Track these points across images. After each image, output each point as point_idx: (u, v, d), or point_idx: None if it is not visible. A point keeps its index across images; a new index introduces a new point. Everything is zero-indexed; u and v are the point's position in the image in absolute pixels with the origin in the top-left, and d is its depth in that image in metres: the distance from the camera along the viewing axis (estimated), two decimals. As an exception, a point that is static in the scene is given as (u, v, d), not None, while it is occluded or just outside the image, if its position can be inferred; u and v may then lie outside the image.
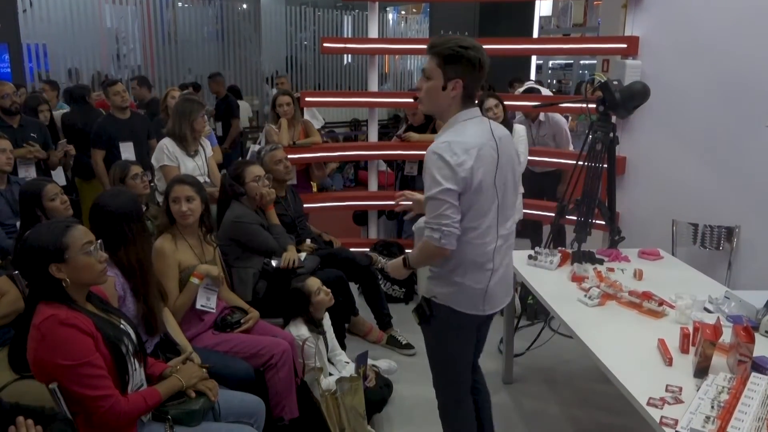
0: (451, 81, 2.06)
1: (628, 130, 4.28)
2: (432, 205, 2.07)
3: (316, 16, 11.52)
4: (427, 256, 2.18)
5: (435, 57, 2.07)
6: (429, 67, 2.08)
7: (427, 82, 2.10)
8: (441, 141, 2.08)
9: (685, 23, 3.87)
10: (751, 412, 1.80)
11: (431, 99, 2.12)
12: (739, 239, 3.52)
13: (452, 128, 2.12)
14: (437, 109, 2.16)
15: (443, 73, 2.06)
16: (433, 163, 2.06)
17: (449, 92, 2.08)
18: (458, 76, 2.05)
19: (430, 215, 2.08)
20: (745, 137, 3.43)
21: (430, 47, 2.08)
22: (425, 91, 2.11)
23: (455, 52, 2.03)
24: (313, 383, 2.88)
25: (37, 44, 8.71)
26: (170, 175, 3.80)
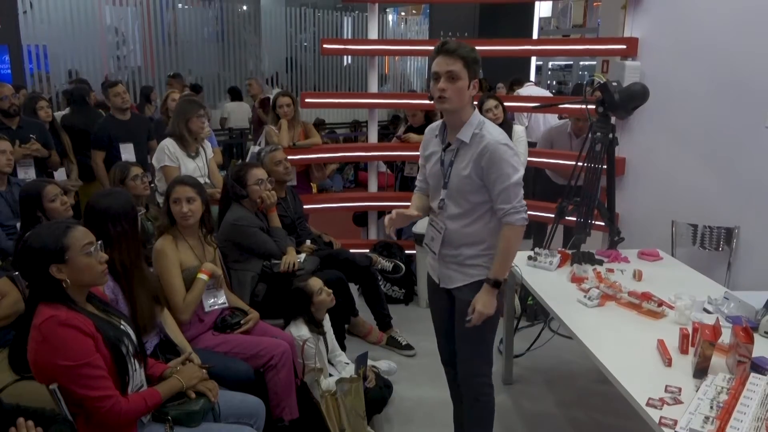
0: (473, 81, 2.28)
1: (627, 130, 4.28)
2: (515, 190, 2.29)
3: (316, 17, 11.53)
4: (518, 240, 2.35)
5: (460, 59, 2.24)
6: (457, 68, 2.24)
7: (455, 82, 2.25)
8: (495, 134, 2.30)
9: (684, 24, 3.88)
10: (750, 412, 1.80)
11: (460, 97, 2.27)
12: (739, 240, 3.53)
13: (487, 124, 2.34)
14: (460, 107, 2.30)
15: (468, 73, 2.25)
16: (505, 153, 2.26)
17: (471, 91, 2.29)
18: (476, 76, 2.29)
19: (514, 200, 2.28)
20: (745, 138, 3.44)
21: (453, 50, 2.24)
22: (456, 90, 2.25)
23: (476, 55, 2.27)
24: (313, 384, 2.89)
25: (37, 45, 8.72)
26: (171, 175, 3.81)
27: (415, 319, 4.39)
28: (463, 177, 2.33)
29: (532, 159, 4.64)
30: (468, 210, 2.38)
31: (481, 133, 2.30)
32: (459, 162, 2.35)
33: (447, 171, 2.40)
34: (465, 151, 2.34)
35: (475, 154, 2.29)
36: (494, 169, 2.27)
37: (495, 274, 2.34)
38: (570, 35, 10.54)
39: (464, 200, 2.37)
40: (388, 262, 4.29)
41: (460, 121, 2.34)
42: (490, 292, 2.35)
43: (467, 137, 2.32)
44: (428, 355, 3.82)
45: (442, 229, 2.44)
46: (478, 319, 2.34)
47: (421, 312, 4.55)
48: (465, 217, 2.39)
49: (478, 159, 2.29)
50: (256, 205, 3.52)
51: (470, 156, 2.31)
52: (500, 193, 2.29)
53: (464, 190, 2.35)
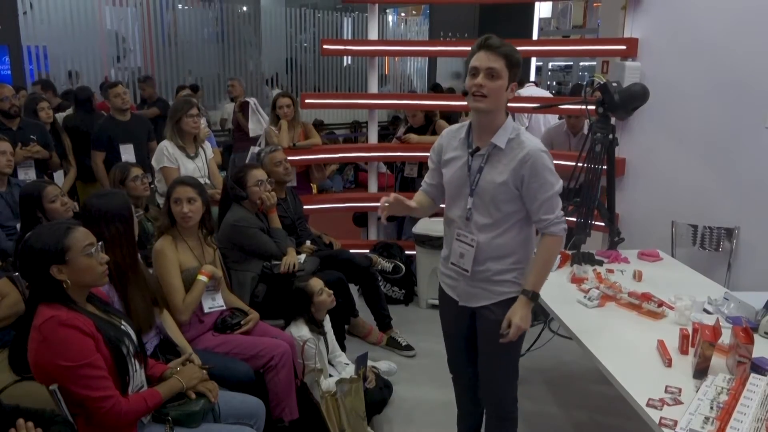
0: (511, 84, 2.14)
1: (627, 131, 4.29)
2: (557, 200, 2.20)
3: (316, 17, 11.53)
4: (558, 251, 2.29)
5: (503, 58, 2.09)
6: (498, 66, 2.09)
7: (494, 80, 2.10)
8: (535, 141, 2.19)
9: (684, 25, 3.88)
10: (750, 412, 1.80)
11: (498, 98, 2.13)
12: (739, 240, 3.53)
13: (523, 130, 2.22)
14: (495, 107, 2.16)
15: (509, 74, 2.12)
16: (546, 161, 2.16)
17: (508, 93, 2.15)
18: (515, 79, 2.14)
19: (557, 209, 2.19)
20: (745, 138, 3.44)
21: (497, 47, 2.10)
22: (495, 89, 2.10)
23: (519, 57, 2.13)
24: (313, 384, 2.89)
25: (37, 46, 8.71)
26: (170, 176, 3.81)
27: (415, 320, 4.39)
28: (499, 185, 2.17)
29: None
30: (498, 220, 2.23)
31: (520, 139, 2.17)
32: (491, 168, 2.19)
33: (474, 177, 2.23)
34: (499, 158, 2.19)
35: (515, 161, 2.15)
36: (537, 178, 2.14)
37: (533, 286, 2.21)
38: (570, 36, 10.54)
39: (496, 210, 2.21)
40: (388, 262, 4.29)
41: (492, 125, 2.19)
42: (527, 306, 2.21)
43: (502, 142, 2.17)
44: (428, 356, 3.82)
45: (473, 242, 2.25)
46: (516, 334, 2.20)
47: (421, 312, 4.55)
48: (494, 228, 2.23)
49: (518, 167, 2.15)
50: (256, 206, 3.52)
51: (506, 163, 2.17)
52: (543, 203, 2.17)
53: (498, 198, 2.19)
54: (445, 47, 6.12)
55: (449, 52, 6.18)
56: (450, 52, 6.08)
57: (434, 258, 4.40)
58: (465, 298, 2.36)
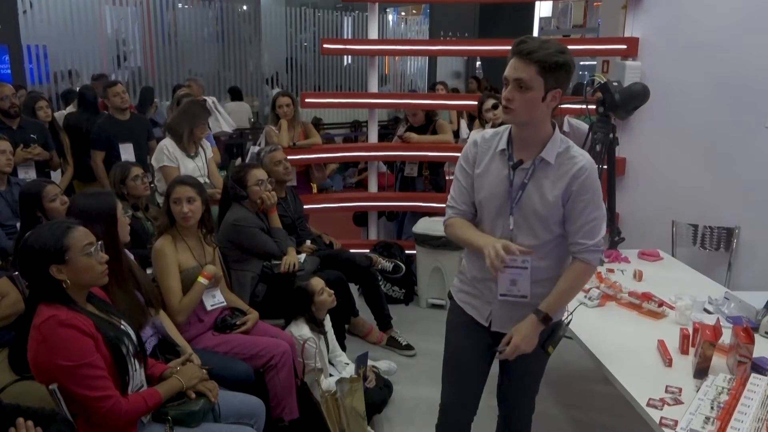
0: (552, 91, 1.87)
1: (627, 131, 4.28)
2: (601, 225, 1.99)
3: (316, 17, 11.52)
4: (586, 282, 2.12)
5: (534, 65, 1.83)
6: (527, 75, 1.84)
7: (525, 92, 1.86)
8: (588, 156, 2.00)
9: (684, 24, 3.88)
10: (751, 412, 1.80)
11: (530, 110, 1.89)
12: (739, 240, 3.52)
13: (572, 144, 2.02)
14: (531, 121, 1.93)
15: (544, 82, 1.85)
16: (597, 180, 1.97)
17: (548, 103, 1.89)
18: (558, 85, 1.87)
19: (598, 236, 1.98)
20: (745, 138, 3.44)
21: (529, 53, 1.83)
22: (525, 102, 1.87)
23: (559, 60, 1.84)
24: (313, 384, 2.89)
25: (37, 45, 8.71)
26: (170, 175, 3.81)
27: (415, 320, 4.39)
28: (549, 203, 1.95)
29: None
30: (545, 242, 2.01)
31: (570, 154, 1.96)
32: (537, 184, 1.97)
33: (517, 194, 1.99)
34: (546, 173, 1.96)
35: (567, 176, 1.94)
36: (585, 197, 1.94)
37: (548, 308, 2.00)
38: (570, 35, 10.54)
39: (544, 230, 2.00)
40: (388, 262, 4.29)
41: (537, 138, 1.97)
42: (534, 327, 2.00)
43: (551, 157, 1.95)
44: (428, 355, 3.82)
45: (526, 263, 1.98)
46: (511, 354, 2.00)
47: (422, 312, 4.55)
48: (539, 249, 2.00)
49: (570, 183, 1.94)
50: (256, 205, 3.52)
51: (555, 179, 1.95)
52: (584, 226, 1.95)
53: (547, 218, 1.98)
54: (446, 47, 6.12)
55: (449, 51, 6.19)
56: (450, 51, 6.08)
57: (434, 257, 4.40)
58: (501, 323, 2.12)
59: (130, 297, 2.38)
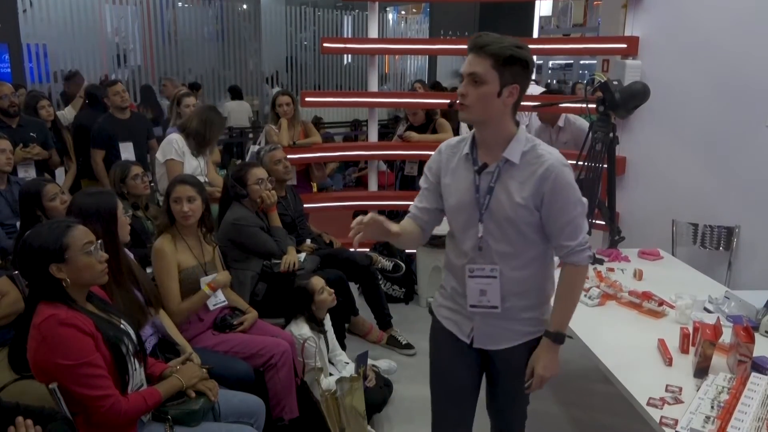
0: (508, 86, 1.79)
1: (628, 130, 4.28)
2: (582, 222, 1.89)
3: (316, 16, 11.53)
4: (583, 283, 2.00)
5: (489, 58, 1.76)
6: (482, 69, 1.76)
7: (479, 86, 1.78)
8: (556, 154, 1.86)
9: (685, 23, 3.87)
10: (751, 412, 1.80)
11: (483, 107, 1.80)
12: (739, 239, 3.52)
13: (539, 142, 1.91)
14: (488, 118, 1.84)
15: (499, 76, 1.77)
16: (569, 177, 1.85)
17: (504, 99, 1.80)
18: (515, 80, 1.79)
19: (581, 234, 1.88)
20: (745, 137, 3.43)
21: (482, 46, 1.77)
22: (478, 96, 1.78)
23: (514, 53, 1.77)
24: (313, 383, 2.89)
25: (37, 44, 8.71)
26: (174, 169, 3.81)
27: (415, 319, 4.38)
28: (518, 205, 1.85)
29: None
30: (521, 249, 1.90)
31: (537, 152, 1.85)
32: (505, 187, 1.86)
33: (485, 199, 1.88)
34: (512, 174, 1.86)
35: (534, 177, 1.83)
36: (559, 197, 1.83)
37: (557, 326, 1.94)
38: (570, 34, 10.54)
39: (516, 235, 1.89)
40: (388, 261, 4.29)
41: (499, 138, 1.87)
42: (552, 350, 1.95)
43: (516, 156, 1.85)
44: (428, 355, 3.81)
45: (495, 271, 1.91)
46: (539, 384, 1.95)
47: (422, 311, 4.54)
48: (516, 257, 1.91)
49: (538, 184, 1.82)
50: (256, 204, 3.52)
51: (522, 180, 1.85)
52: (565, 227, 1.86)
53: (519, 221, 1.87)
54: (446, 45, 6.11)
55: (449, 50, 6.18)
56: (450, 50, 6.07)
57: (435, 256, 4.39)
58: (483, 339, 2.01)
59: (130, 296, 2.37)
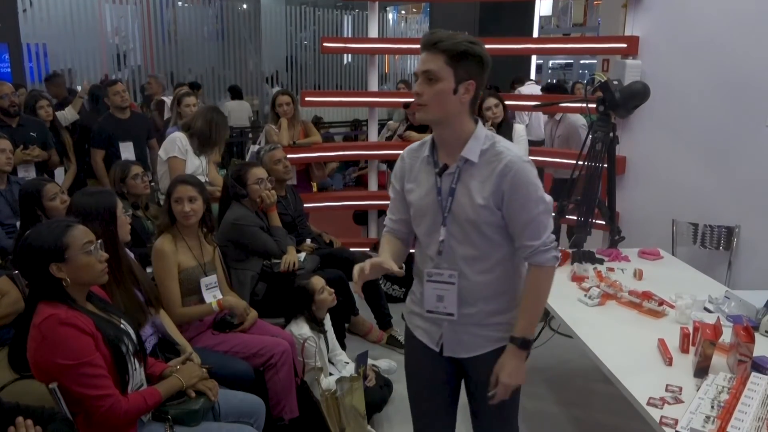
0: (464, 83, 1.72)
1: (628, 129, 4.28)
2: (545, 221, 1.79)
3: (316, 15, 11.53)
4: (549, 286, 1.88)
5: (442, 54, 1.70)
6: (436, 66, 1.70)
7: (434, 84, 1.72)
8: (515, 150, 1.81)
9: (685, 23, 3.87)
10: (751, 411, 1.80)
11: (439, 105, 1.74)
12: (739, 239, 3.52)
13: (499, 138, 1.84)
14: (445, 117, 1.77)
15: (454, 73, 1.71)
16: (529, 174, 1.76)
17: (461, 96, 1.74)
18: (470, 76, 1.73)
19: (544, 233, 1.79)
20: (746, 136, 3.43)
21: (435, 43, 1.71)
22: (434, 94, 1.72)
23: (467, 48, 1.70)
24: (313, 383, 2.88)
25: (37, 44, 8.71)
26: (176, 167, 3.81)
27: (415, 318, 4.37)
28: (479, 206, 1.78)
29: (535, 158, 4.62)
30: (486, 251, 1.83)
31: (496, 150, 1.78)
32: (466, 187, 1.80)
33: (447, 201, 1.82)
34: (472, 173, 1.79)
35: (493, 175, 1.76)
36: (519, 195, 1.75)
37: (522, 332, 1.84)
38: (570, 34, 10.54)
39: (479, 237, 1.81)
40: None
41: (458, 137, 1.80)
42: (517, 356, 1.85)
43: (474, 155, 1.78)
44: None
45: (453, 277, 1.85)
46: (505, 393, 1.86)
47: (421, 311, 4.54)
48: (481, 260, 1.84)
49: (498, 181, 1.76)
50: (256, 204, 3.51)
51: (482, 179, 1.78)
52: (527, 226, 1.78)
53: (480, 223, 1.80)
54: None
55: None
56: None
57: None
58: (451, 347, 1.94)
59: (130, 296, 2.37)
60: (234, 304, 2.82)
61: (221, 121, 4.03)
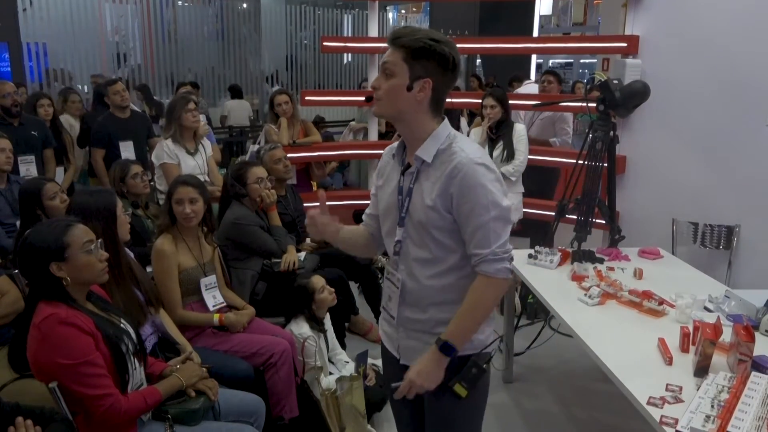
0: (419, 80, 1.65)
1: (628, 129, 4.28)
2: (496, 229, 1.65)
3: (316, 15, 11.52)
4: (495, 300, 1.72)
5: (401, 50, 1.66)
6: (392, 60, 1.67)
7: (389, 79, 1.67)
8: (470, 150, 1.68)
9: (685, 22, 3.87)
10: (752, 411, 1.80)
11: (392, 100, 1.68)
12: (739, 238, 3.52)
13: (460, 138, 1.73)
14: (397, 114, 1.71)
15: (409, 69, 1.65)
16: (481, 176, 1.63)
17: (415, 94, 1.66)
18: (428, 74, 1.65)
19: (494, 242, 1.64)
20: (746, 136, 3.43)
21: (394, 38, 1.68)
22: (386, 90, 1.67)
23: (426, 45, 1.63)
24: (313, 382, 2.88)
25: (37, 43, 8.71)
26: (170, 172, 3.82)
27: (415, 318, 4.38)
28: (427, 208, 1.68)
29: (534, 157, 4.62)
30: (438, 256, 1.73)
31: (451, 150, 1.68)
32: (420, 188, 1.71)
33: (405, 201, 1.75)
34: (428, 174, 1.70)
35: (442, 176, 1.66)
36: (468, 198, 1.63)
37: (449, 335, 1.67)
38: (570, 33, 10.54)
39: (431, 240, 1.71)
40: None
41: (415, 135, 1.72)
42: (434, 359, 1.68)
43: (428, 155, 1.69)
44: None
45: (399, 281, 1.79)
46: (405, 390, 1.71)
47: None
48: (433, 264, 1.74)
49: (446, 183, 1.66)
50: (256, 203, 3.51)
51: (434, 179, 1.68)
52: (475, 232, 1.65)
53: (429, 225, 1.70)
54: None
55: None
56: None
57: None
58: (407, 354, 1.83)
59: (130, 295, 2.37)
60: (234, 321, 2.80)
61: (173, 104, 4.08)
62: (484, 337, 1.79)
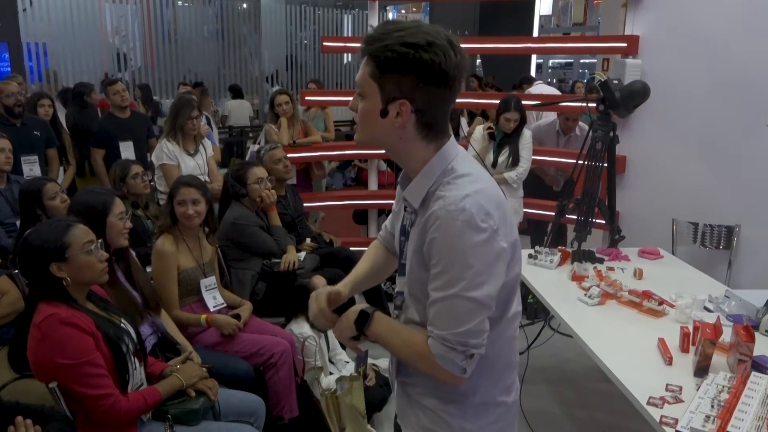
0: (393, 102, 1.23)
1: (628, 129, 4.28)
2: (457, 311, 1.25)
3: (316, 15, 11.53)
4: (424, 369, 1.35)
5: (370, 62, 1.24)
6: (361, 78, 1.26)
7: (362, 100, 1.29)
8: (456, 195, 1.23)
9: (685, 22, 3.87)
10: (752, 411, 1.80)
11: (366, 127, 1.30)
12: (739, 238, 3.52)
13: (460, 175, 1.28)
14: (378, 143, 1.33)
15: (379, 89, 1.24)
16: (462, 237, 1.21)
17: (391, 119, 1.25)
18: (403, 94, 1.22)
19: (451, 327, 1.25)
20: (746, 136, 3.43)
21: (364, 44, 1.25)
22: (360, 114, 1.30)
23: (395, 54, 1.19)
24: (313, 382, 2.89)
25: (37, 43, 8.71)
26: (170, 173, 3.82)
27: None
28: (413, 260, 1.34)
29: (537, 157, 4.61)
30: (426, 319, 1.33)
31: (438, 194, 1.26)
32: (413, 234, 1.35)
33: (404, 246, 1.40)
34: (417, 219, 1.33)
35: (419, 226, 1.30)
36: (435, 262, 1.25)
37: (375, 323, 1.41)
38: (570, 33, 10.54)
39: (419, 303, 1.36)
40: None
41: (408, 168, 1.35)
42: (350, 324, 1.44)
43: (416, 199, 1.31)
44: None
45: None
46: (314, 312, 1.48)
47: (422, 310, 4.54)
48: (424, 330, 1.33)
49: (422, 235, 1.28)
50: (256, 203, 3.52)
51: (420, 228, 1.30)
52: (433, 304, 1.27)
53: (412, 281, 1.37)
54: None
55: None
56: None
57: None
58: (399, 412, 1.57)
59: (125, 296, 2.38)
60: (223, 324, 2.77)
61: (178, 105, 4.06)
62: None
